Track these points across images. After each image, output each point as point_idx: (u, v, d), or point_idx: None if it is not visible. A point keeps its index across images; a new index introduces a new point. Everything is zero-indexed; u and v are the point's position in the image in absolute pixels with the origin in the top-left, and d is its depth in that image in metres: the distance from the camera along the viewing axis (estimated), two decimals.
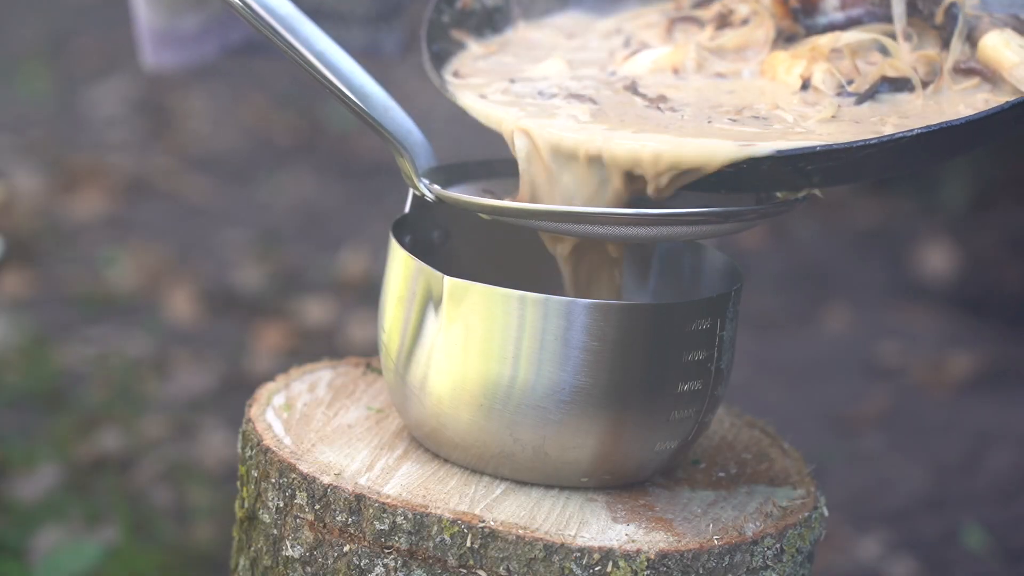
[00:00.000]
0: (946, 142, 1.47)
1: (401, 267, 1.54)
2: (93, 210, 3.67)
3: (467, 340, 1.49)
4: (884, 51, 1.58)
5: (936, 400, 3.11)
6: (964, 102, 1.52)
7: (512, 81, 1.62)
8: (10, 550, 2.40)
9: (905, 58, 1.56)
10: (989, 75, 1.53)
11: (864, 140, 1.45)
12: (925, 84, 1.54)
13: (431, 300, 1.50)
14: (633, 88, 1.58)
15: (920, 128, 1.45)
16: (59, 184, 3.76)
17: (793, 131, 1.50)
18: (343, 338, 3.19)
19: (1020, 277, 3.59)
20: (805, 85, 1.56)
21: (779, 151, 1.45)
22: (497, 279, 1.53)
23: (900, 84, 1.55)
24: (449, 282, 1.49)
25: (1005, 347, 3.31)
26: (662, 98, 1.56)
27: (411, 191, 1.60)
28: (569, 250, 1.58)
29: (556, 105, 1.56)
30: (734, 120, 1.52)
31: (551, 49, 1.69)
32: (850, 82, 1.56)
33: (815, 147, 1.45)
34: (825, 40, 1.58)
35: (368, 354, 1.76)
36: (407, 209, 1.62)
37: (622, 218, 1.47)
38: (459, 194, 1.54)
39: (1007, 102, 1.47)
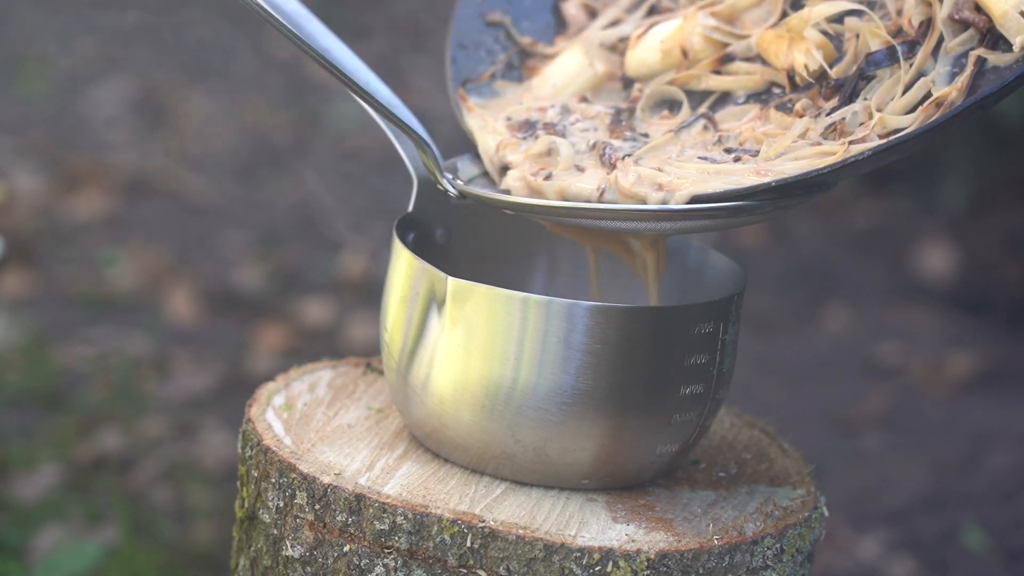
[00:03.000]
0: (880, 159, 1.43)
1: (405, 267, 1.53)
2: (93, 210, 3.67)
3: (469, 341, 1.49)
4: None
5: (936, 400, 3.11)
6: (953, 68, 1.46)
7: (522, 103, 1.62)
8: (10, 550, 2.40)
9: (908, 2, 1.51)
10: (983, 25, 1.45)
11: (765, 183, 1.43)
12: (917, 44, 1.49)
13: (434, 300, 1.50)
14: (616, 116, 1.57)
15: (832, 164, 1.42)
16: (59, 184, 3.76)
17: (747, 168, 1.48)
18: (343, 338, 3.19)
19: (1020, 277, 3.58)
20: (791, 76, 1.53)
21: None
22: (500, 276, 1.53)
23: (890, 54, 1.49)
24: (453, 283, 1.49)
25: (1005, 347, 3.30)
26: (633, 131, 1.56)
27: (415, 190, 1.60)
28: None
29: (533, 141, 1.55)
30: (703, 158, 1.50)
31: (578, 30, 1.68)
32: (837, 60, 1.53)
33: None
34: (796, 21, 1.54)
35: (368, 354, 1.76)
36: (410, 207, 1.62)
37: (643, 214, 1.47)
38: (482, 190, 1.54)
39: (945, 114, 1.42)
